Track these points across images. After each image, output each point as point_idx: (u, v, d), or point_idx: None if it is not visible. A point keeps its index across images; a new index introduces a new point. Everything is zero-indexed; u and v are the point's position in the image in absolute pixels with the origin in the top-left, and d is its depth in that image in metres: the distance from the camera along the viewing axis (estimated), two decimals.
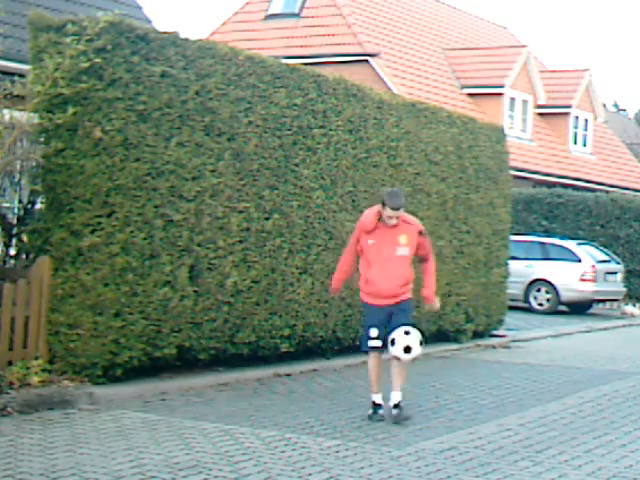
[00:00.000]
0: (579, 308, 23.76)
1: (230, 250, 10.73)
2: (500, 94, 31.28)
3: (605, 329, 20.80)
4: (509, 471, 7.32)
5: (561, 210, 26.81)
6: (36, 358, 9.31)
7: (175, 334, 10.06)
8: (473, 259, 15.41)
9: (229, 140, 10.72)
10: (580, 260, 23.06)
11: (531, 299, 23.11)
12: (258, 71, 11.14)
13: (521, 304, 22.68)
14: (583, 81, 34.93)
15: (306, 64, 13.89)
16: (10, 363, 9.12)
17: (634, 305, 25.10)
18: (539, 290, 23.11)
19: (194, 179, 10.27)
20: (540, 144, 33.03)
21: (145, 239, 9.72)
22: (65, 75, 9.26)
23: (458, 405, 10.01)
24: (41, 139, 9.64)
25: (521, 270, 22.16)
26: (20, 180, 10.23)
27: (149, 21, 17.11)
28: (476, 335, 15.65)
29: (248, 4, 32.81)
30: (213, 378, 10.52)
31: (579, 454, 7.98)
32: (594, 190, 30.45)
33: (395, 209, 8.93)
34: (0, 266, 9.88)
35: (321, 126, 12.08)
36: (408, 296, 9.20)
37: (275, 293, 11.36)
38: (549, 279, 22.95)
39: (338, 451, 7.65)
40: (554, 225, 26.66)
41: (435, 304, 9.46)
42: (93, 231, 9.39)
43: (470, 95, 31.51)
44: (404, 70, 29.37)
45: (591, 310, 24.35)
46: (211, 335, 10.50)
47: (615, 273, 23.79)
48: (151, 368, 10.04)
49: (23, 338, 9.33)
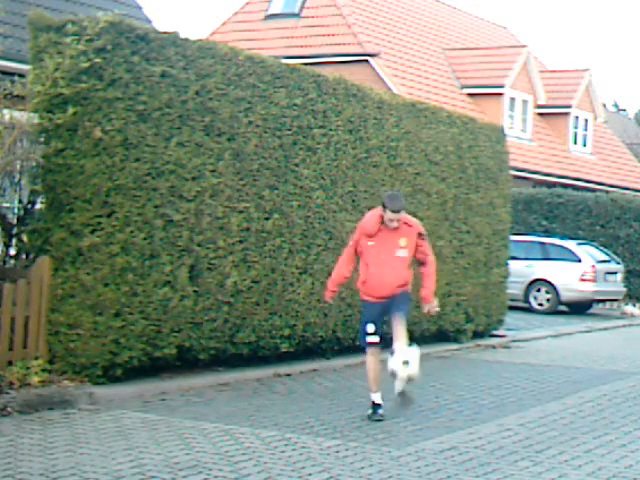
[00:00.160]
0: (579, 308, 23.75)
1: (230, 250, 10.73)
2: (500, 94, 31.28)
3: (605, 329, 20.79)
4: (509, 471, 7.31)
5: (561, 210, 26.81)
6: (36, 358, 9.30)
7: (175, 334, 10.06)
8: (473, 259, 15.41)
9: (229, 140, 10.72)
10: (580, 260, 23.05)
11: (531, 299, 23.10)
12: (258, 71, 11.14)
13: (521, 304, 22.67)
14: (583, 81, 34.93)
15: (306, 64, 13.89)
16: (10, 363, 9.12)
17: (634, 305, 25.10)
18: (539, 290, 23.10)
19: (194, 179, 10.27)
20: (540, 144, 33.02)
21: (145, 239, 9.72)
22: (65, 75, 9.26)
23: (458, 405, 10.01)
24: (41, 139, 9.64)
25: (521, 270, 22.15)
26: (20, 180, 10.23)
27: (149, 21, 17.11)
28: (476, 335, 15.65)
29: (248, 4, 32.81)
30: (213, 378, 10.52)
31: (579, 454, 7.98)
32: (594, 190, 30.45)
33: (395, 212, 8.96)
34: (0, 266, 9.88)
35: (321, 126, 12.08)
36: (407, 289, 9.22)
37: (275, 293, 11.36)
38: (549, 279, 22.94)
39: (338, 451, 7.65)
40: (554, 225, 26.65)
41: (433, 305, 9.44)
42: (93, 231, 9.40)
43: (470, 95, 31.51)
44: (404, 70, 29.37)
45: (591, 310, 24.34)
46: (211, 335, 10.50)
47: (615, 273, 23.79)
48: (151, 368, 10.04)
49: (23, 338, 9.33)
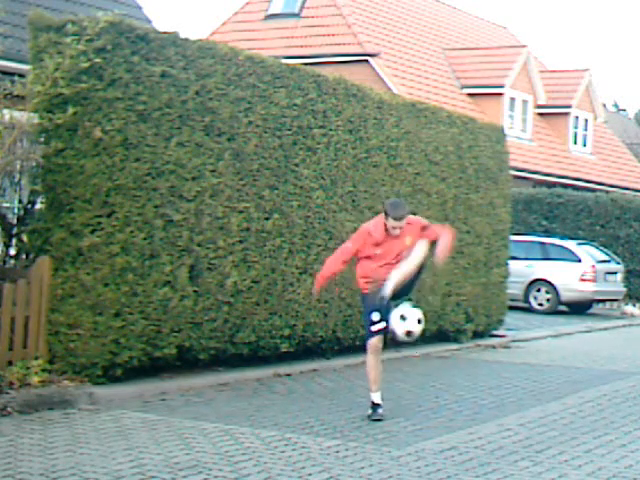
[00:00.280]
0: (579, 308, 23.75)
1: (230, 250, 10.73)
2: (500, 94, 31.28)
3: (605, 329, 20.79)
4: (509, 471, 7.31)
5: (561, 210, 26.81)
6: (36, 358, 9.30)
7: (175, 334, 10.06)
8: (473, 259, 15.41)
9: (229, 140, 10.72)
10: (580, 260, 23.05)
11: (531, 299, 23.10)
12: (258, 71, 11.14)
13: (521, 304, 22.67)
14: (583, 81, 34.93)
15: (306, 64, 13.89)
16: (10, 363, 9.12)
17: (634, 305, 25.10)
18: (539, 290, 23.10)
19: (194, 179, 10.27)
20: (540, 144, 33.02)
21: (145, 239, 9.72)
22: (65, 75, 9.26)
23: (458, 405, 10.01)
24: (41, 139, 9.64)
25: (521, 270, 22.15)
26: (20, 180, 10.23)
27: (149, 21, 17.11)
28: (476, 335, 15.65)
29: (248, 4, 32.82)
30: (213, 378, 10.52)
31: (579, 454, 7.98)
32: (594, 190, 30.45)
33: (398, 219, 8.94)
34: (0, 266, 9.88)
35: (321, 126, 12.08)
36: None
37: (275, 293, 11.36)
38: (549, 279, 22.94)
39: (338, 451, 7.65)
40: (554, 225, 26.65)
41: (441, 257, 9.12)
42: (93, 231, 9.40)
43: (470, 95, 31.51)
44: (404, 70, 29.37)
45: (591, 310, 24.34)
46: (211, 335, 10.50)
47: (615, 273, 23.79)
48: (151, 368, 10.04)
49: (23, 338, 9.33)
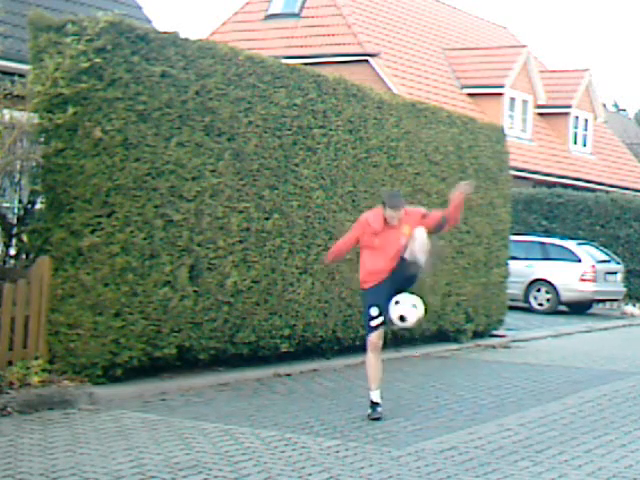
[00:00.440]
0: (579, 308, 23.75)
1: (230, 250, 10.73)
2: (500, 94, 31.28)
3: (605, 329, 20.79)
4: (509, 471, 7.31)
5: (561, 210, 26.81)
6: (36, 358, 9.30)
7: (175, 334, 10.06)
8: (473, 259, 15.41)
9: (229, 140, 10.72)
10: (580, 260, 23.05)
11: (531, 299, 23.10)
12: (258, 71, 11.14)
13: (521, 304, 22.66)
14: (583, 81, 34.93)
15: (306, 64, 13.89)
16: (10, 363, 9.12)
17: (634, 305, 25.10)
18: (539, 290, 23.10)
19: (194, 179, 10.27)
20: (540, 144, 33.02)
21: (145, 239, 9.72)
22: (65, 75, 9.26)
23: (458, 405, 10.01)
24: (41, 139, 9.64)
25: (521, 270, 22.15)
26: (20, 180, 10.23)
27: (149, 21, 17.11)
28: (476, 335, 15.65)
29: (248, 4, 32.81)
30: (213, 378, 10.52)
31: (579, 454, 7.98)
32: (594, 190, 30.45)
33: (395, 209, 9.01)
34: (0, 266, 9.88)
35: (321, 126, 12.07)
36: None
37: (275, 293, 11.36)
38: (549, 279, 22.94)
39: (338, 451, 7.65)
40: (554, 225, 26.65)
41: (462, 187, 9.38)
42: (93, 231, 9.39)
43: (470, 95, 31.50)
44: (404, 70, 29.37)
45: (591, 310, 24.34)
46: (211, 335, 10.50)
47: (615, 273, 23.78)
48: (151, 368, 10.04)
49: (23, 338, 9.33)
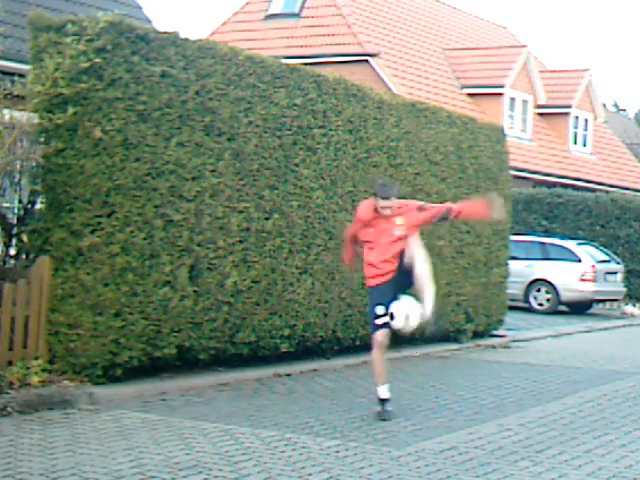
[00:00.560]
0: (579, 308, 23.76)
1: (230, 250, 10.73)
2: (500, 94, 31.28)
3: (605, 329, 20.79)
4: (509, 471, 7.31)
5: (561, 210, 26.81)
6: (36, 358, 9.30)
7: (175, 334, 10.06)
8: (473, 259, 15.40)
9: (229, 140, 10.72)
10: (580, 260, 23.06)
11: (531, 299, 23.10)
12: (258, 71, 11.14)
13: (521, 304, 22.66)
14: (583, 81, 34.93)
15: (306, 64, 13.89)
16: (10, 363, 9.12)
17: (634, 305, 25.10)
18: (539, 290, 23.10)
19: (194, 179, 10.27)
20: (540, 144, 33.02)
21: (145, 239, 9.72)
22: (65, 75, 9.26)
23: (458, 405, 10.01)
24: (41, 139, 9.64)
25: (521, 270, 22.15)
26: (20, 180, 10.22)
27: (149, 21, 17.11)
28: (476, 335, 15.65)
29: (248, 4, 32.82)
30: (213, 378, 10.52)
31: (579, 454, 7.98)
32: (594, 190, 30.46)
33: (386, 199, 9.02)
34: (0, 266, 9.88)
35: (321, 126, 12.07)
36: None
37: (275, 293, 11.35)
38: (549, 279, 22.94)
39: (338, 451, 7.65)
40: (554, 225, 26.66)
41: (495, 208, 9.34)
42: (93, 231, 9.39)
43: (470, 95, 31.51)
44: (404, 70, 29.37)
45: (591, 310, 24.34)
46: (211, 335, 10.50)
47: (615, 273, 23.79)
48: (151, 368, 10.04)
49: (23, 338, 9.33)
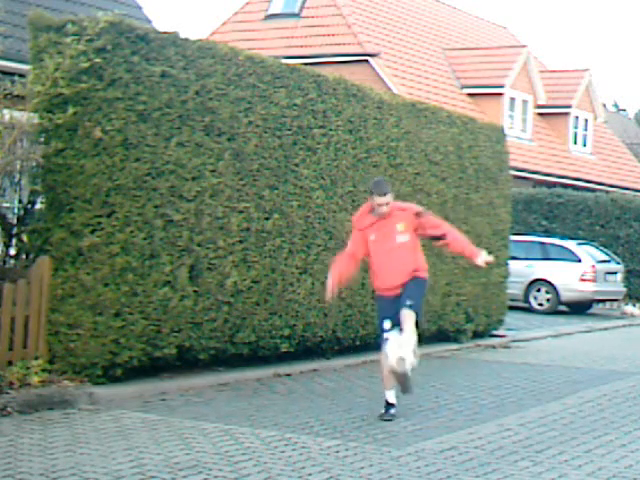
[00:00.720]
0: (579, 308, 23.76)
1: (230, 250, 10.73)
2: (500, 94, 31.28)
3: (605, 329, 20.79)
4: (509, 471, 7.31)
5: (561, 210, 26.81)
6: (36, 358, 9.30)
7: (175, 334, 10.06)
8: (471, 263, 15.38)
9: (229, 140, 10.72)
10: (580, 260, 23.06)
11: (531, 299, 23.10)
12: (258, 71, 11.14)
13: (521, 304, 22.66)
14: (583, 81, 34.94)
15: (306, 64, 13.89)
16: (10, 363, 9.12)
17: (634, 305, 25.10)
18: (539, 290, 23.10)
19: (194, 179, 10.27)
20: (540, 144, 33.02)
21: (145, 239, 9.72)
22: (65, 75, 9.26)
23: (458, 405, 10.01)
24: (41, 139, 9.63)
25: (521, 270, 22.15)
26: (20, 180, 10.22)
27: (149, 21, 17.11)
28: (476, 335, 15.65)
29: (248, 4, 32.81)
30: (213, 378, 10.52)
31: (579, 454, 7.98)
32: (594, 190, 30.46)
33: (381, 195, 9.00)
34: (0, 266, 9.88)
35: (321, 126, 12.07)
36: (421, 275, 9.17)
37: (275, 293, 11.35)
38: (549, 279, 22.94)
39: (338, 451, 7.65)
40: (554, 225, 26.66)
41: (483, 257, 9.37)
42: (93, 231, 9.39)
43: (470, 95, 31.51)
44: (404, 70, 29.37)
45: (591, 310, 24.34)
46: (211, 335, 10.50)
47: (615, 273, 23.79)
48: (151, 368, 10.04)
49: (23, 338, 9.33)
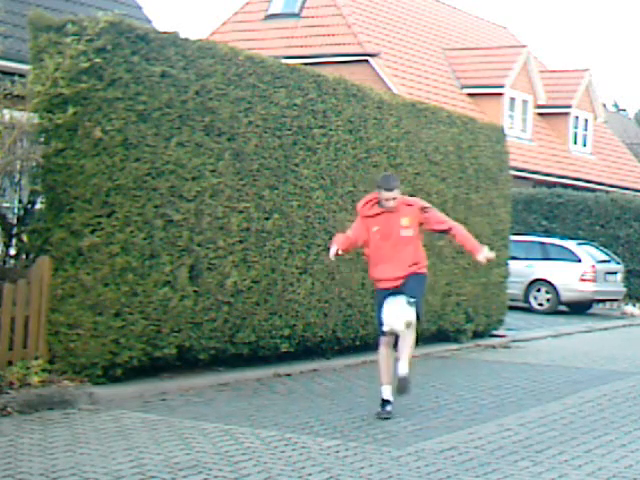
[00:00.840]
0: (579, 308, 23.76)
1: (230, 250, 10.73)
2: (500, 94, 31.29)
3: (605, 329, 20.79)
4: (509, 471, 7.31)
5: (561, 210, 26.81)
6: (36, 358, 9.30)
7: (175, 334, 10.06)
8: (473, 259, 15.37)
9: (229, 140, 10.72)
10: (580, 260, 23.06)
11: (531, 299, 23.10)
12: (258, 71, 11.14)
13: (521, 304, 22.66)
14: (583, 81, 34.94)
15: (306, 64, 13.88)
16: (10, 363, 9.12)
17: (634, 305, 25.10)
18: (539, 290, 23.10)
19: (194, 179, 10.27)
20: (540, 144, 33.02)
21: (145, 239, 9.72)
22: (65, 75, 9.26)
23: (458, 405, 10.01)
24: (41, 139, 9.63)
25: (521, 270, 22.15)
26: (20, 180, 10.22)
27: (149, 21, 17.11)
28: (476, 335, 15.64)
29: (248, 4, 32.82)
30: (213, 378, 10.52)
31: (579, 454, 7.98)
32: (594, 190, 30.46)
33: (388, 190, 9.02)
34: (0, 266, 9.88)
35: (321, 126, 12.07)
36: (421, 271, 9.20)
37: (275, 293, 11.35)
38: (549, 279, 22.94)
39: (338, 451, 7.65)
40: (554, 225, 26.65)
41: (485, 253, 9.43)
42: (93, 231, 9.39)
43: (470, 95, 31.51)
44: (404, 70, 29.37)
45: (591, 310, 24.34)
46: (211, 335, 10.50)
47: (615, 273, 23.78)
48: (151, 368, 10.04)
49: (23, 338, 9.33)
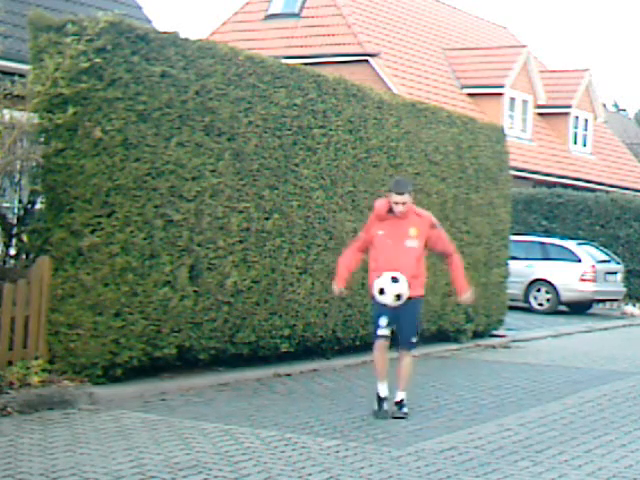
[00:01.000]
0: (579, 308, 23.76)
1: (230, 250, 10.73)
2: (500, 94, 31.29)
3: (605, 329, 20.79)
4: (509, 471, 7.31)
5: (561, 210, 26.81)
6: (36, 358, 9.30)
7: (175, 334, 10.06)
8: (473, 259, 15.39)
9: (229, 140, 10.72)
10: (580, 260, 23.05)
11: (531, 299, 23.10)
12: (258, 71, 11.14)
13: (521, 304, 22.66)
14: (583, 81, 34.94)
15: (306, 64, 13.89)
16: (10, 363, 9.12)
17: (634, 305, 25.10)
18: (539, 290, 23.10)
19: (194, 179, 10.27)
20: (540, 144, 33.03)
21: (145, 239, 9.72)
22: (65, 75, 9.26)
23: (458, 405, 10.01)
24: (41, 139, 9.63)
25: (521, 270, 22.15)
26: (20, 180, 10.22)
27: (149, 21, 17.12)
28: (476, 335, 15.65)
29: (248, 4, 32.82)
30: (213, 378, 10.52)
31: (579, 454, 7.98)
32: (594, 190, 30.45)
33: (400, 194, 8.98)
34: (0, 266, 9.88)
35: (321, 126, 12.07)
36: (417, 293, 9.15)
37: (275, 293, 11.35)
38: (549, 279, 22.94)
39: (338, 451, 7.65)
40: (554, 225, 26.65)
41: (468, 297, 9.45)
42: (93, 231, 9.39)
43: (470, 95, 31.51)
44: (404, 70, 29.38)
45: (591, 310, 24.34)
46: (211, 335, 10.50)
47: (615, 273, 23.78)
48: (151, 368, 10.04)
49: (23, 338, 9.33)
